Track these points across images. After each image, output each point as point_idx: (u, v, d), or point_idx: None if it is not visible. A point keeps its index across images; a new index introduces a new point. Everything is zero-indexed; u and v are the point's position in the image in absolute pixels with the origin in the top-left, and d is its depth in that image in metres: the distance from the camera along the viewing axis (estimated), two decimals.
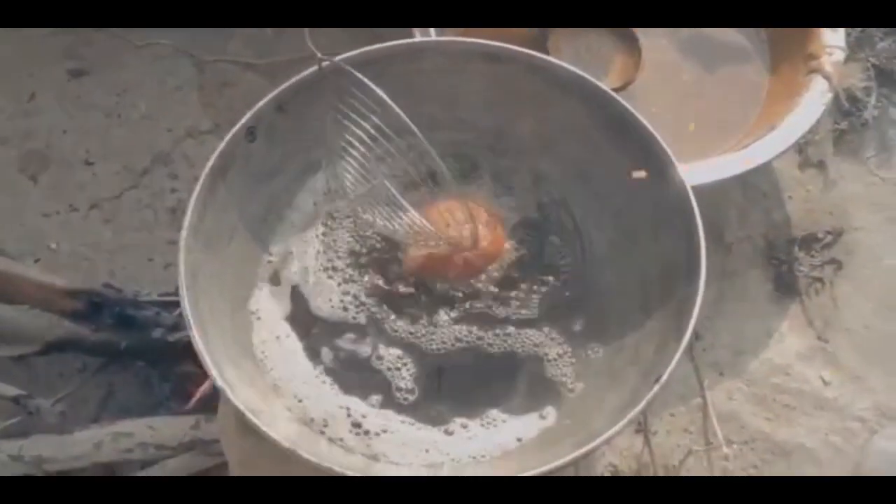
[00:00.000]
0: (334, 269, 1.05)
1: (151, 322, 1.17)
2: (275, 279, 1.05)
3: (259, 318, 1.02)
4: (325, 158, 1.03)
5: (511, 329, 1.03)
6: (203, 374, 0.98)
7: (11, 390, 1.14)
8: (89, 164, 1.36)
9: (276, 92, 1.00)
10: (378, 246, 1.05)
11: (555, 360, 1.02)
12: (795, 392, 1.27)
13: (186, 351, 1.11)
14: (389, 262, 1.05)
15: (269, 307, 1.03)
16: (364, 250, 1.05)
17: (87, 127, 1.38)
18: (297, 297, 1.04)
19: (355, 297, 1.03)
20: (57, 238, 1.31)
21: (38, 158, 1.36)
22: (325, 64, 0.99)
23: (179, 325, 1.16)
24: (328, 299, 1.03)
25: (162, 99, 1.41)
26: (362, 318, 1.02)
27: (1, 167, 1.35)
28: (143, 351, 1.17)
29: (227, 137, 0.99)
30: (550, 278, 1.06)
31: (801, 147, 1.35)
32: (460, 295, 1.04)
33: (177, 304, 1.17)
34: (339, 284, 1.04)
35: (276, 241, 1.07)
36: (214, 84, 1.42)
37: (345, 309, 1.03)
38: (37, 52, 1.43)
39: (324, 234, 1.06)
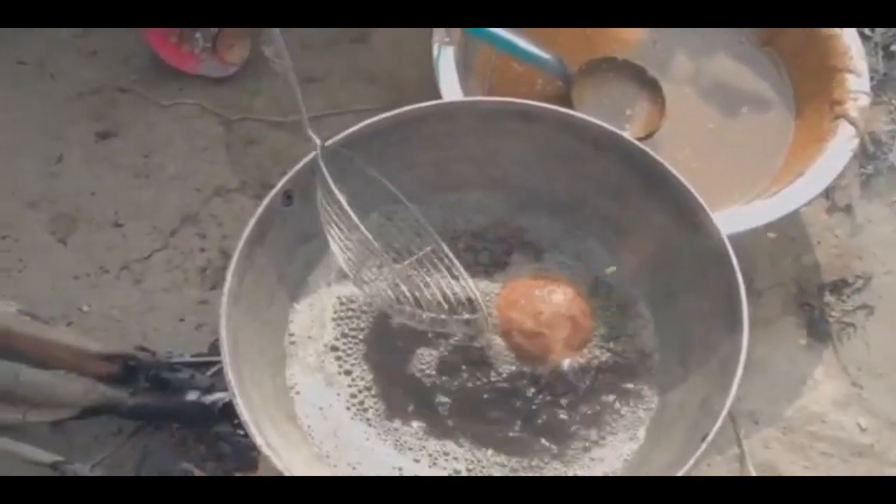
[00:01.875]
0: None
1: (186, 384, 1.17)
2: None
3: (298, 393, 1.02)
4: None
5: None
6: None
7: (49, 457, 1.14)
8: (118, 226, 1.36)
9: (311, 155, 1.01)
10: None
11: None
12: (832, 439, 1.26)
13: (222, 413, 1.12)
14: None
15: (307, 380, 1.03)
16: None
17: (116, 188, 1.39)
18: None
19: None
20: (88, 300, 1.31)
21: (68, 221, 1.36)
22: (326, 143, 0.99)
23: (214, 386, 1.16)
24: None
25: (189, 158, 1.41)
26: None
27: (31, 230, 1.35)
28: (178, 413, 1.17)
29: (265, 203, 0.99)
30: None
31: (828, 192, 1.34)
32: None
33: (210, 365, 1.18)
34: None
35: (314, 301, 1.07)
36: (241, 142, 1.42)
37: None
38: (64, 114, 1.44)
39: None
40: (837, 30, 1.35)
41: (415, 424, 1.00)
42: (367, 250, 0.98)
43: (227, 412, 1.11)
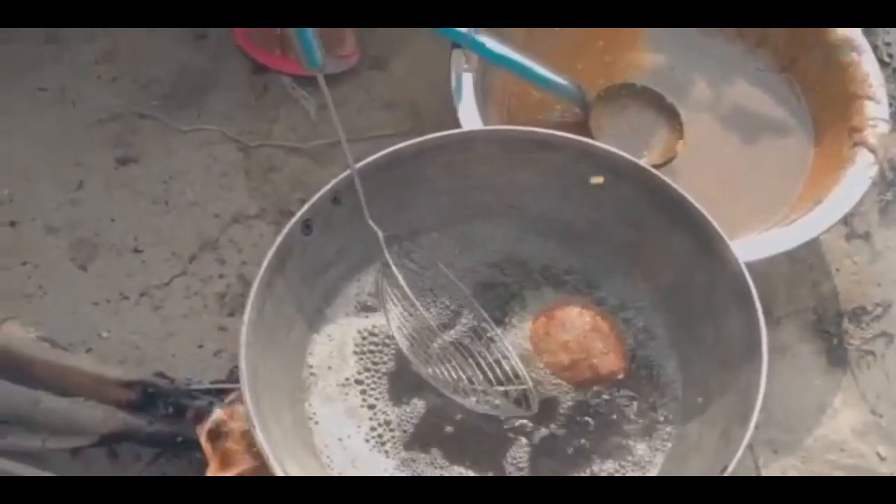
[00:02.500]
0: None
1: (204, 412, 1.17)
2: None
3: (317, 423, 1.02)
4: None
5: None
6: None
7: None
8: (138, 252, 1.37)
9: (331, 184, 1.01)
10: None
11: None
12: (852, 468, 1.25)
13: None
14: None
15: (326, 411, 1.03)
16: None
17: (136, 214, 1.39)
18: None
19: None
20: (108, 326, 1.31)
21: (88, 247, 1.37)
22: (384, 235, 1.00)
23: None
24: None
25: (208, 185, 1.42)
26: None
27: (51, 256, 1.36)
28: (197, 441, 1.17)
29: (284, 232, 1.00)
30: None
31: (846, 219, 1.34)
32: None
33: (228, 392, 1.18)
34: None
35: (333, 332, 1.07)
36: (260, 169, 1.43)
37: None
38: (84, 141, 1.44)
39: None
40: (856, 56, 1.35)
41: (434, 453, 1.00)
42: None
43: None
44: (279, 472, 0.87)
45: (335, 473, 0.98)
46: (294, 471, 0.90)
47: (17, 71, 1.50)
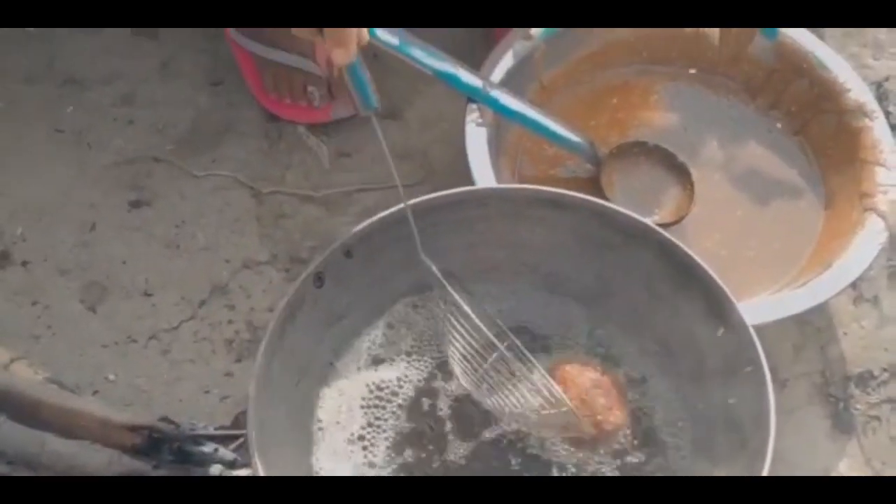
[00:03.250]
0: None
1: (209, 458, 1.17)
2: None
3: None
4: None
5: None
6: None
7: None
8: (148, 295, 1.37)
9: (343, 238, 1.02)
10: None
11: None
12: None
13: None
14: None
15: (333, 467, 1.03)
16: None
17: (147, 257, 1.40)
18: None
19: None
20: (115, 369, 1.31)
21: (98, 289, 1.37)
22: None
23: (237, 461, 1.16)
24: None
25: (220, 230, 1.42)
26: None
27: (61, 297, 1.37)
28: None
29: (296, 285, 1.00)
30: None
31: (855, 282, 1.34)
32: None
33: (233, 439, 1.18)
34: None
35: (343, 387, 1.08)
36: (272, 215, 1.44)
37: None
38: (99, 183, 1.46)
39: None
40: (868, 122, 1.36)
41: None
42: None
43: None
44: None
45: None
46: None
47: (36, 112, 1.52)
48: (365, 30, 0.94)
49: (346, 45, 0.91)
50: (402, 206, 1.03)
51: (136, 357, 1.32)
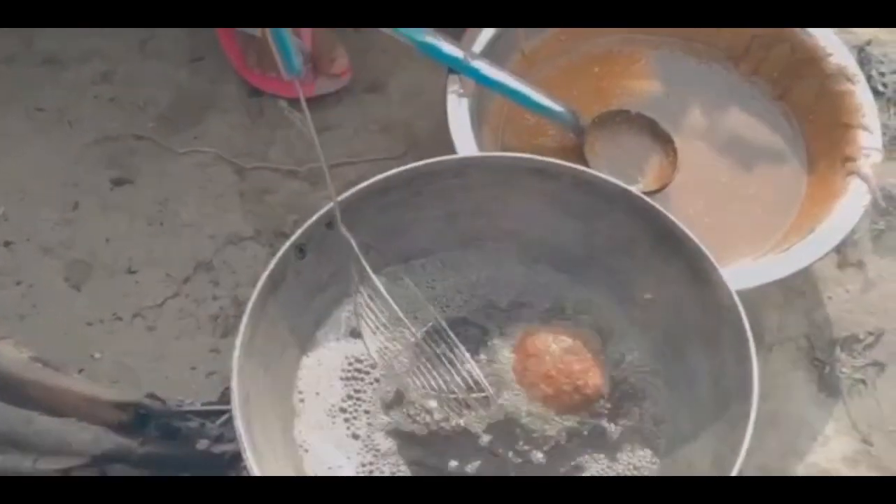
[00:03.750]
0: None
1: (196, 433, 1.17)
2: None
3: (307, 451, 1.02)
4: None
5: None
6: None
7: None
8: (132, 273, 1.37)
9: (325, 209, 1.01)
10: None
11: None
12: None
13: (231, 463, 1.12)
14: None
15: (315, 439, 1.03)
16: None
17: (130, 235, 1.40)
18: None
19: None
20: (100, 347, 1.31)
21: (82, 267, 1.37)
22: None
23: (224, 435, 1.16)
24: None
25: (203, 206, 1.42)
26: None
27: (45, 277, 1.36)
28: (187, 463, 1.16)
29: (277, 256, 1.00)
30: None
31: (839, 247, 1.34)
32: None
33: (220, 414, 1.18)
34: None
35: (322, 357, 1.08)
36: (255, 191, 1.43)
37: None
38: (80, 161, 1.45)
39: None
40: (850, 86, 1.36)
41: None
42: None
43: (237, 462, 1.11)
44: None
45: None
46: None
47: (15, 92, 1.51)
48: None
49: None
50: (381, 176, 1.03)
51: (121, 334, 1.32)
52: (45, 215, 1.40)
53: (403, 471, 1.01)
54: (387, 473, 1.01)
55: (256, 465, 0.88)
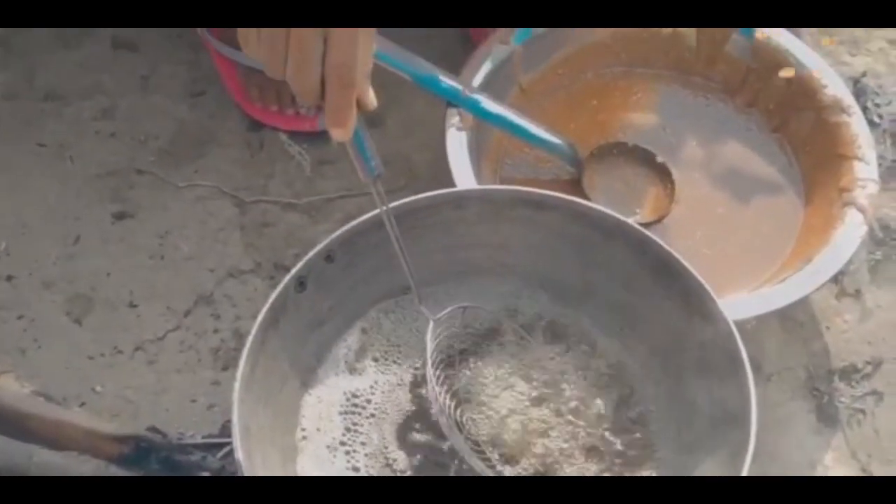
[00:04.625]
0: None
1: (197, 466, 1.18)
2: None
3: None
4: None
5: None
6: None
7: None
8: (133, 306, 1.38)
9: (325, 242, 1.02)
10: None
11: None
12: None
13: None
14: None
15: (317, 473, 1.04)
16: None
17: (131, 269, 1.40)
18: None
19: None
20: (102, 381, 1.31)
21: (83, 301, 1.38)
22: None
23: (225, 468, 1.16)
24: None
25: (204, 240, 1.43)
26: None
27: (47, 310, 1.37)
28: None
29: (278, 290, 1.00)
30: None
31: (836, 277, 1.35)
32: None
33: (220, 447, 1.18)
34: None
35: (322, 394, 1.08)
36: (255, 224, 1.44)
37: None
38: (82, 196, 1.46)
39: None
40: (846, 117, 1.36)
41: None
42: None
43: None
44: None
45: None
46: None
47: (17, 127, 1.52)
48: (370, 93, 0.88)
49: (344, 124, 0.86)
50: (383, 209, 1.04)
51: (122, 368, 1.33)
52: (46, 250, 1.41)
53: None
54: None
55: None
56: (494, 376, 1.09)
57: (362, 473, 1.04)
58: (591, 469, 1.04)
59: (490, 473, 1.01)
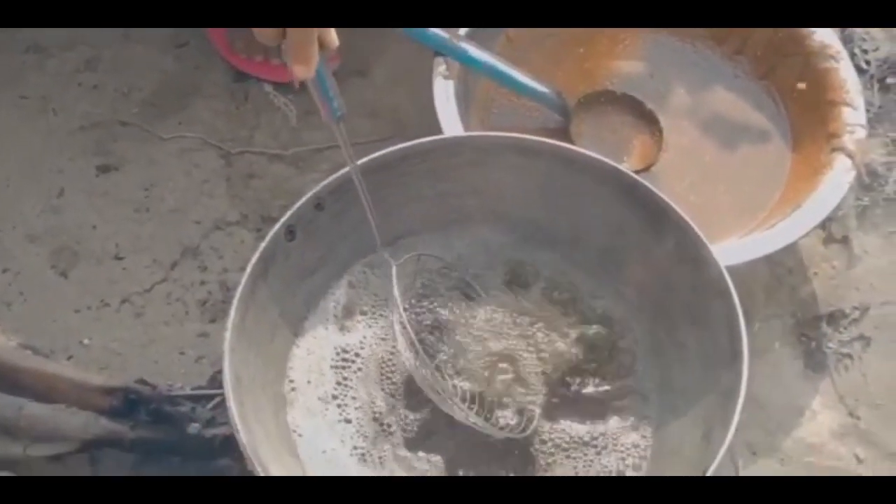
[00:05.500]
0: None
1: (186, 417, 1.17)
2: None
3: (301, 436, 1.03)
4: None
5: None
6: None
7: None
8: (119, 259, 1.37)
9: (314, 191, 1.02)
10: None
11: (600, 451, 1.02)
12: (830, 470, 1.26)
13: (222, 446, 1.12)
14: None
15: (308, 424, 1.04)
16: None
17: (117, 222, 1.39)
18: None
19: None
20: (89, 334, 1.31)
21: (69, 254, 1.37)
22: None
23: (214, 419, 1.16)
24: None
25: (189, 192, 1.42)
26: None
27: (32, 264, 1.36)
28: (178, 447, 1.17)
29: (268, 238, 1.00)
30: (593, 366, 1.07)
31: (824, 223, 1.35)
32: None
33: (210, 398, 1.18)
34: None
35: (312, 346, 1.08)
36: (241, 175, 1.43)
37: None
38: (65, 149, 1.45)
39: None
40: (833, 63, 1.36)
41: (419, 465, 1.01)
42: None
43: (228, 446, 1.11)
44: (261, 474, 0.87)
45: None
46: (278, 472, 0.91)
47: None
48: (332, 31, 0.88)
49: (306, 62, 0.86)
50: (372, 156, 1.03)
51: (109, 321, 1.32)
52: (30, 203, 1.40)
53: (398, 454, 1.02)
54: (376, 458, 1.01)
55: (249, 446, 0.88)
56: (482, 321, 1.08)
57: (353, 426, 1.03)
58: (574, 420, 1.04)
59: (469, 415, 1.00)
